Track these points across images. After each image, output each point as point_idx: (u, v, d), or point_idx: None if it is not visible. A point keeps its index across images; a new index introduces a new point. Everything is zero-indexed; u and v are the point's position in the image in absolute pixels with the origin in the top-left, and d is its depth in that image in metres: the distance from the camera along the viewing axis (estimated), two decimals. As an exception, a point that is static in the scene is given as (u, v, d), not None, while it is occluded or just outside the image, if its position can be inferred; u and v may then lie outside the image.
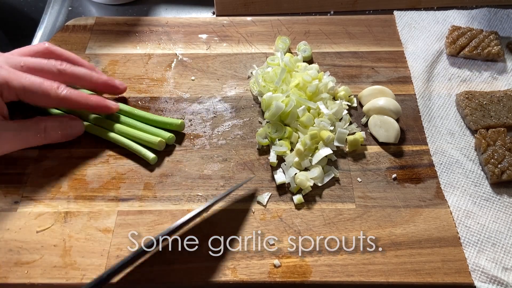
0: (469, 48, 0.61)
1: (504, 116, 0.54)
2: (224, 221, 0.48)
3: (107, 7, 0.73)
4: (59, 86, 0.48)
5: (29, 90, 0.46)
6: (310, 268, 0.44)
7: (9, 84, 0.45)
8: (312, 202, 0.49)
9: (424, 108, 0.57)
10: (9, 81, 0.45)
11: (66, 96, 0.48)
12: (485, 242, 0.46)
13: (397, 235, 0.47)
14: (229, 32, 0.65)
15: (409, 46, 0.64)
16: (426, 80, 0.60)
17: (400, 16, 0.68)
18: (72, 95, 0.49)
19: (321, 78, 0.57)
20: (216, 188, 0.50)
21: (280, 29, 0.66)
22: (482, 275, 0.44)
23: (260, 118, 0.56)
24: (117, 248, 0.45)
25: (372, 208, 0.49)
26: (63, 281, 0.43)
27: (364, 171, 0.52)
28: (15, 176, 0.51)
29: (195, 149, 0.53)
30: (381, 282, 0.44)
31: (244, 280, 0.44)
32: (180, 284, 0.44)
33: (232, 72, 0.61)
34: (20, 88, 0.45)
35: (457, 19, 0.67)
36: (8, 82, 0.45)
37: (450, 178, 0.51)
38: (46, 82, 0.47)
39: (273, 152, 0.52)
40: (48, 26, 0.71)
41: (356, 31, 0.66)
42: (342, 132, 0.52)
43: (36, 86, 0.46)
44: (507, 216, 0.48)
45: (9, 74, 0.45)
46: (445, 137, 0.55)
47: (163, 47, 0.64)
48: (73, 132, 0.52)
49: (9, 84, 0.45)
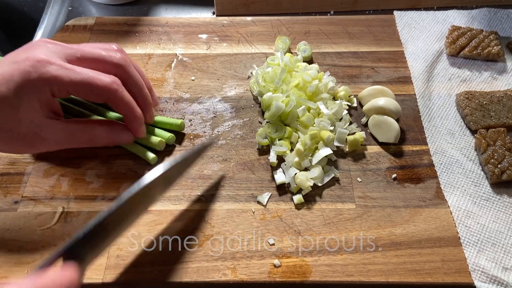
0: (469, 48, 0.61)
1: (504, 116, 0.54)
2: (224, 221, 0.48)
3: (107, 7, 0.73)
4: (113, 82, 0.45)
5: (80, 86, 0.44)
6: (310, 268, 0.44)
7: (59, 81, 0.43)
8: (312, 202, 0.49)
9: (424, 108, 0.57)
10: (59, 78, 0.42)
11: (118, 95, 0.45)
12: (485, 242, 0.46)
13: (397, 235, 0.47)
14: (229, 32, 0.65)
15: (409, 46, 0.64)
16: (426, 80, 0.60)
17: (400, 16, 0.68)
18: (124, 96, 0.46)
19: (321, 78, 0.57)
20: (216, 188, 0.50)
21: (280, 29, 0.66)
22: (482, 275, 0.44)
23: (260, 118, 0.56)
24: (117, 248, 0.45)
25: (372, 208, 0.49)
26: (63, 281, 0.43)
27: (364, 171, 0.52)
28: (15, 176, 0.51)
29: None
30: (381, 282, 0.44)
31: (244, 280, 0.44)
32: (180, 284, 0.44)
33: (232, 72, 0.61)
34: (71, 84, 0.43)
35: (457, 19, 0.67)
36: (58, 79, 0.42)
37: (450, 178, 0.51)
38: (99, 77, 0.44)
39: (273, 152, 0.52)
40: (48, 26, 0.71)
41: (356, 31, 0.66)
42: (342, 132, 0.53)
43: (87, 81, 0.43)
44: (507, 216, 0.48)
45: (59, 71, 0.43)
46: (445, 137, 0.55)
47: (163, 47, 0.64)
48: (121, 141, 0.50)
49: (58, 81, 0.42)
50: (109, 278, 0.44)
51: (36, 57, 0.42)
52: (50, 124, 0.45)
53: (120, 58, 0.47)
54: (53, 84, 0.43)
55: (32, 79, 0.42)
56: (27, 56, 0.42)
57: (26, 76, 0.42)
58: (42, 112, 0.44)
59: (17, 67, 0.42)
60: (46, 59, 0.43)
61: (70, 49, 0.46)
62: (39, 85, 0.42)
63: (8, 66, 0.42)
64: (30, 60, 0.42)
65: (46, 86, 0.43)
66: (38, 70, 0.42)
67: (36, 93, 0.43)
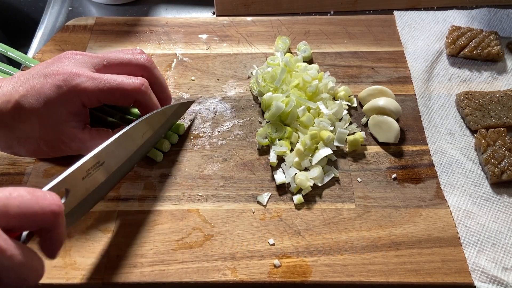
0: (469, 48, 0.61)
1: (504, 116, 0.54)
2: (224, 221, 0.48)
3: (107, 7, 0.73)
4: (141, 84, 0.46)
5: (110, 93, 0.44)
6: (310, 268, 0.44)
7: (89, 93, 0.43)
8: (312, 202, 0.49)
9: (424, 108, 0.57)
10: (89, 90, 0.43)
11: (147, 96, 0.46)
12: (485, 242, 0.46)
13: (397, 235, 0.47)
14: (229, 32, 0.65)
15: (409, 46, 0.64)
16: (426, 80, 0.60)
17: (400, 16, 0.68)
18: (152, 97, 0.47)
19: (321, 78, 0.57)
20: (216, 188, 0.50)
21: (280, 29, 0.66)
22: (482, 275, 0.44)
23: (260, 118, 0.56)
24: (117, 248, 0.45)
25: (372, 208, 0.49)
26: (63, 281, 0.43)
27: (364, 171, 0.52)
28: (15, 176, 0.51)
29: (195, 149, 0.53)
30: (381, 282, 0.44)
31: (244, 280, 0.44)
32: (180, 284, 0.44)
33: (232, 72, 0.61)
34: (101, 93, 0.44)
35: (457, 19, 0.67)
36: (88, 90, 0.43)
37: (450, 178, 0.51)
38: (128, 81, 0.45)
39: (273, 152, 0.52)
40: (48, 26, 0.71)
41: (356, 31, 0.66)
42: (342, 132, 0.53)
43: (115, 87, 0.44)
44: (507, 216, 0.48)
45: (88, 82, 0.43)
46: (445, 137, 0.55)
47: (163, 47, 0.64)
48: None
49: (88, 92, 0.43)
50: (109, 278, 0.44)
51: (66, 71, 0.43)
52: (76, 133, 0.46)
53: (145, 60, 0.48)
54: (83, 96, 0.44)
55: (63, 93, 0.43)
56: (57, 70, 0.43)
57: (57, 91, 0.43)
58: (71, 122, 0.45)
59: (48, 80, 0.43)
60: (75, 72, 0.44)
61: (96, 58, 0.47)
62: (70, 98, 0.43)
63: (39, 79, 0.43)
64: (60, 74, 0.43)
65: (77, 98, 0.44)
66: (68, 84, 0.43)
67: (66, 105, 0.44)
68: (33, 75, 0.44)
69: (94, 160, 0.41)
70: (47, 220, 0.33)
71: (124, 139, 0.44)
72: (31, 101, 0.42)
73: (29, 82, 0.43)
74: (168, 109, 0.50)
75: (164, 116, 0.50)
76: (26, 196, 0.32)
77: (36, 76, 0.44)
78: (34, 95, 0.42)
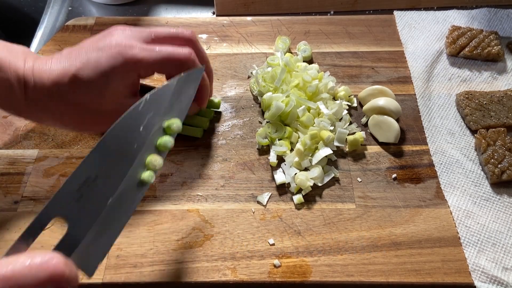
0: (469, 48, 0.61)
1: (504, 116, 0.54)
2: (224, 221, 0.48)
3: (107, 7, 0.73)
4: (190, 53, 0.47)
5: (164, 62, 0.46)
6: (310, 268, 0.44)
7: (144, 63, 0.45)
8: (312, 202, 0.49)
9: (424, 108, 0.57)
10: (145, 60, 0.45)
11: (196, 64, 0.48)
12: (485, 242, 0.46)
13: (397, 235, 0.47)
14: (229, 32, 0.65)
15: (409, 46, 0.64)
16: (426, 80, 0.60)
17: (400, 16, 0.68)
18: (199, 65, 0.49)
19: (321, 78, 0.57)
20: (216, 188, 0.50)
21: (280, 29, 0.66)
22: (482, 275, 0.44)
23: (260, 118, 0.56)
24: (117, 248, 0.45)
25: (372, 208, 0.49)
26: (63, 281, 0.43)
27: (364, 171, 0.52)
28: (15, 176, 0.51)
29: (195, 149, 0.53)
30: (381, 282, 0.44)
31: (244, 280, 0.44)
32: (180, 284, 0.44)
33: (232, 72, 0.61)
34: (155, 63, 0.45)
35: (457, 19, 0.67)
36: (144, 61, 0.45)
37: (450, 178, 0.51)
38: (178, 51, 0.46)
39: (273, 152, 0.52)
40: (48, 26, 0.71)
41: (356, 31, 0.66)
42: (342, 132, 0.53)
43: (168, 56, 0.46)
44: (507, 216, 0.48)
45: (142, 53, 0.45)
46: (445, 137, 0.55)
47: (163, 47, 0.63)
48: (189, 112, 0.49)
49: (144, 62, 0.45)
50: (109, 278, 0.44)
51: (119, 43, 0.45)
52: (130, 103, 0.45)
53: (190, 34, 0.50)
54: (139, 66, 0.45)
55: (120, 64, 0.44)
56: (110, 43, 0.45)
57: (113, 63, 0.44)
58: (125, 93, 0.46)
59: (103, 53, 0.44)
60: (129, 43, 0.45)
61: (144, 32, 0.48)
62: (126, 69, 0.45)
63: (93, 52, 0.44)
64: (114, 46, 0.44)
65: (133, 70, 0.45)
66: (124, 55, 0.44)
67: (123, 76, 0.45)
68: (85, 49, 0.45)
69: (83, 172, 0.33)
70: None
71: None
72: (89, 73, 0.43)
73: (84, 56, 0.44)
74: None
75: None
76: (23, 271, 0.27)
77: (90, 49, 0.45)
78: (91, 68, 0.44)
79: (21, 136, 0.54)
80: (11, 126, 0.55)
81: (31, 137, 0.54)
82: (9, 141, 0.54)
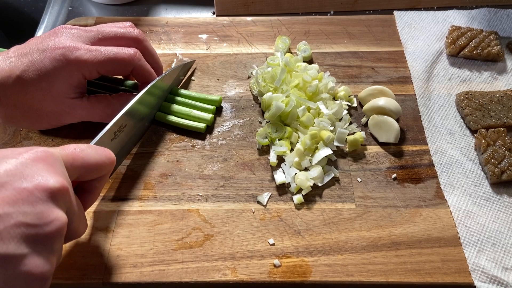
0: (469, 48, 0.61)
1: (504, 116, 0.54)
2: (224, 221, 0.48)
3: (107, 7, 0.73)
4: (136, 53, 0.49)
5: (108, 63, 0.47)
6: (310, 268, 0.44)
7: (88, 64, 0.46)
8: (312, 202, 0.49)
9: (424, 108, 0.57)
10: (88, 61, 0.46)
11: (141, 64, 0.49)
12: (485, 242, 0.46)
13: (397, 235, 0.47)
14: (229, 32, 0.65)
15: (409, 46, 0.64)
16: (426, 80, 0.60)
17: (400, 16, 0.68)
18: (146, 65, 0.50)
19: (321, 78, 0.57)
20: (216, 188, 0.50)
21: (280, 29, 0.66)
22: (482, 275, 0.44)
23: (260, 118, 0.56)
24: (117, 248, 0.45)
25: (372, 208, 0.49)
26: (63, 281, 0.43)
27: (364, 171, 0.52)
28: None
29: (195, 149, 0.53)
30: (381, 282, 0.44)
31: (244, 280, 0.44)
32: (180, 284, 0.44)
33: (232, 72, 0.61)
34: (99, 64, 0.46)
35: (457, 19, 0.67)
36: (87, 62, 0.46)
37: (450, 178, 0.51)
38: (123, 51, 0.48)
39: (273, 152, 0.52)
40: (48, 26, 0.71)
41: (356, 31, 0.66)
42: (342, 132, 0.53)
43: (112, 58, 0.47)
44: (507, 216, 0.48)
45: (86, 55, 0.46)
46: (445, 137, 0.55)
47: (163, 47, 0.64)
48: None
49: (88, 64, 0.46)
50: (109, 278, 0.44)
51: (63, 45, 0.45)
52: (76, 104, 0.48)
53: (137, 33, 0.51)
54: (83, 68, 0.46)
55: (63, 66, 0.45)
56: (54, 45, 0.45)
57: (57, 65, 0.45)
58: (70, 94, 0.47)
59: (46, 55, 0.45)
60: (73, 45, 0.46)
61: (91, 32, 0.49)
62: (70, 71, 0.45)
63: (37, 54, 0.45)
64: (58, 48, 0.45)
65: (77, 71, 0.46)
66: (68, 57, 0.45)
67: (67, 78, 0.46)
68: (30, 50, 0.45)
69: (120, 122, 0.46)
70: (106, 169, 0.40)
71: (142, 100, 0.50)
72: (32, 76, 0.44)
73: (28, 57, 0.45)
74: (174, 70, 0.55)
75: (171, 77, 0.55)
76: (87, 149, 0.38)
77: (34, 51, 0.45)
78: (35, 70, 0.44)
79: (21, 136, 0.54)
80: (11, 126, 0.55)
81: (31, 137, 0.54)
82: (9, 141, 0.54)
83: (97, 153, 0.38)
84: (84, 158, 0.37)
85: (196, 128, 0.54)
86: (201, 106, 0.55)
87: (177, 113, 0.55)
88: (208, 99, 0.56)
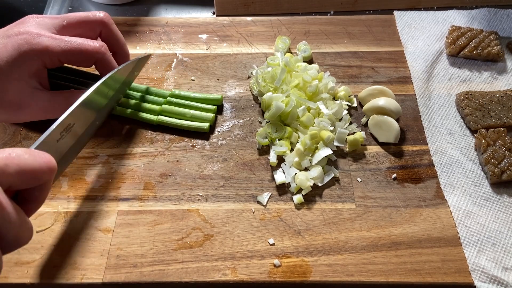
0: (469, 48, 0.61)
1: (504, 116, 0.54)
2: (224, 221, 0.48)
3: (107, 7, 0.73)
4: (101, 46, 0.48)
5: (71, 53, 0.46)
6: (310, 268, 0.44)
7: (50, 51, 0.45)
8: (312, 202, 0.49)
9: (424, 108, 0.57)
10: (50, 48, 0.45)
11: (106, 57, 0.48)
12: (485, 242, 0.46)
13: (397, 235, 0.47)
14: (229, 32, 0.65)
15: (409, 46, 0.64)
16: (426, 80, 0.60)
17: (400, 16, 0.68)
18: (111, 59, 0.49)
19: (321, 78, 0.57)
20: (216, 188, 0.50)
21: (280, 29, 0.66)
22: (482, 275, 0.44)
23: (260, 118, 0.56)
24: (117, 248, 0.45)
25: (372, 208, 0.49)
26: (63, 281, 0.43)
27: (364, 171, 0.52)
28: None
29: (195, 149, 0.53)
30: (381, 282, 0.44)
31: (244, 280, 0.44)
32: (180, 284, 0.44)
33: (232, 72, 0.61)
34: (62, 53, 0.46)
35: (457, 19, 0.67)
36: (49, 49, 0.45)
37: (450, 178, 0.51)
38: (88, 43, 0.47)
39: (273, 152, 0.52)
40: (48, 26, 0.71)
41: (356, 31, 0.66)
42: (342, 132, 0.53)
43: (76, 47, 0.46)
44: (507, 216, 0.48)
45: (49, 42, 0.45)
46: (445, 137, 0.55)
47: (163, 47, 0.64)
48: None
49: (49, 51, 0.45)
50: (109, 278, 0.44)
51: (27, 31, 0.45)
52: (36, 94, 0.47)
53: (104, 16, 0.50)
54: (44, 54, 0.45)
55: (24, 51, 0.44)
56: (18, 31, 0.45)
57: (18, 49, 0.44)
58: (31, 82, 0.47)
59: (10, 40, 0.45)
60: (37, 32, 0.45)
61: (56, 19, 0.48)
62: (31, 57, 0.45)
63: (2, 39, 0.45)
64: (22, 33, 0.45)
65: (38, 57, 0.45)
66: (30, 43, 0.45)
67: (28, 64, 0.45)
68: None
69: (66, 122, 0.43)
70: (44, 177, 0.35)
71: (91, 99, 0.47)
72: None
73: None
74: (127, 66, 0.52)
75: (124, 73, 0.52)
76: (24, 155, 0.33)
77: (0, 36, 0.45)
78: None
79: (21, 136, 0.54)
80: (11, 126, 0.55)
81: (31, 137, 0.54)
82: (9, 141, 0.54)
83: (35, 160, 0.34)
84: (19, 165, 0.32)
85: (200, 128, 0.54)
86: (203, 107, 0.55)
87: (180, 115, 0.55)
88: (210, 99, 0.56)
